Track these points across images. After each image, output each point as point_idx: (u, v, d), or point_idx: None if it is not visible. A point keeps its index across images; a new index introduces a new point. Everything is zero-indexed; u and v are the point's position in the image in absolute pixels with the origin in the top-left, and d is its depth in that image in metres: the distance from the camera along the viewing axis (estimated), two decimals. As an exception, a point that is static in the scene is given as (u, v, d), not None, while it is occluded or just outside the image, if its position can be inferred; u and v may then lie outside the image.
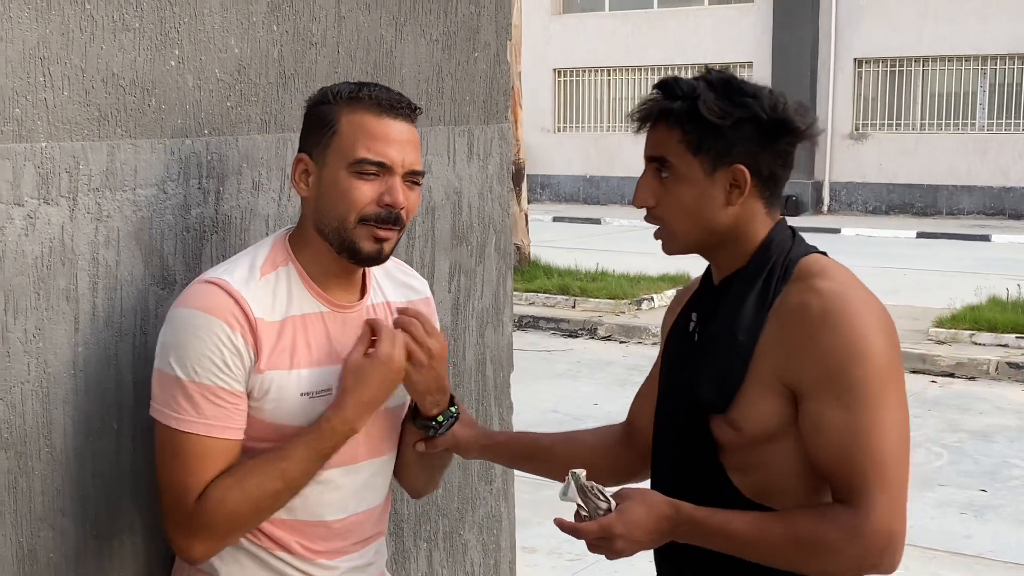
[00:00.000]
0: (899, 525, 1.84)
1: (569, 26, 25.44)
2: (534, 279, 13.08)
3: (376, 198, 1.95)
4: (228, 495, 1.92)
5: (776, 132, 1.94)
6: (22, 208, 1.91)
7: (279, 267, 2.01)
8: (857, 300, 1.89)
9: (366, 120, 1.96)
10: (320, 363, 2.01)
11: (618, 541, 1.88)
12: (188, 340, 1.90)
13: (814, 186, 23.13)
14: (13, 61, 1.88)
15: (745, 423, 1.92)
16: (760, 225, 1.99)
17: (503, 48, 2.93)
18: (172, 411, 1.91)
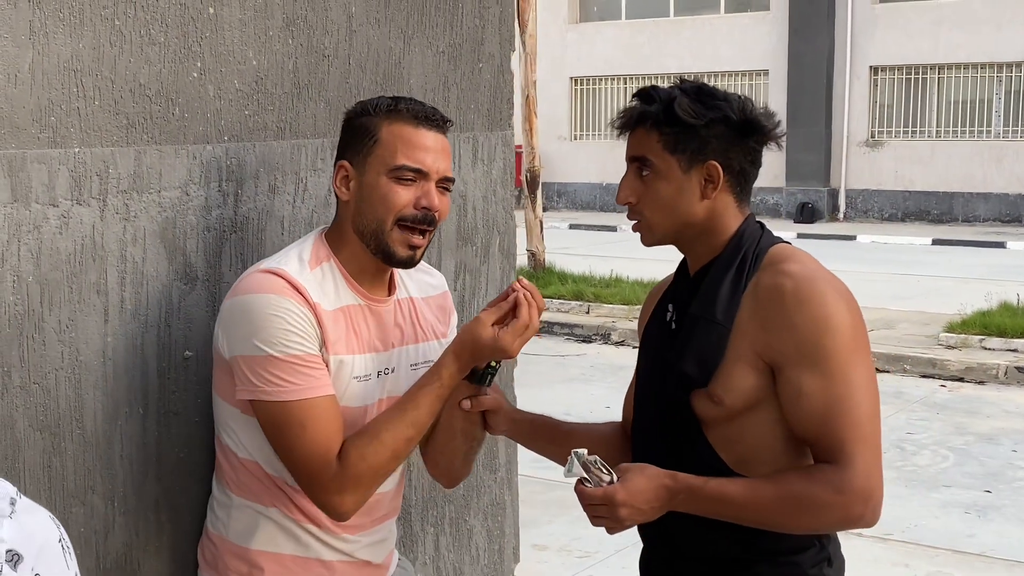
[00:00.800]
0: (877, 479, 2.01)
1: (586, 35, 25.60)
2: (548, 285, 13.22)
3: (413, 201, 2.14)
4: (367, 450, 2.10)
5: (745, 131, 2.15)
6: (56, 208, 2.08)
7: (323, 262, 2.19)
8: (823, 280, 2.08)
9: (404, 130, 2.15)
10: (363, 350, 2.20)
11: (621, 509, 2.04)
12: (265, 320, 2.06)
13: (830, 193, 23.22)
14: (49, 73, 2.05)
15: (726, 396, 2.09)
16: (732, 218, 2.18)
17: (507, 59, 3.09)
18: (276, 387, 2.06)
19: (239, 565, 2.22)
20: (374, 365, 2.21)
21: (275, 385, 2.07)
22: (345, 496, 2.11)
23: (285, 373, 2.06)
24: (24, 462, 2.06)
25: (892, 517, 6.37)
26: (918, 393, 9.39)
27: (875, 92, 22.81)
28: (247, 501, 2.21)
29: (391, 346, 2.26)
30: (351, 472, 2.09)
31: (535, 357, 10.77)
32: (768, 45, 23.59)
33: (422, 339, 2.34)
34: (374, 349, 2.22)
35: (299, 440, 2.08)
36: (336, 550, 2.25)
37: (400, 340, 2.28)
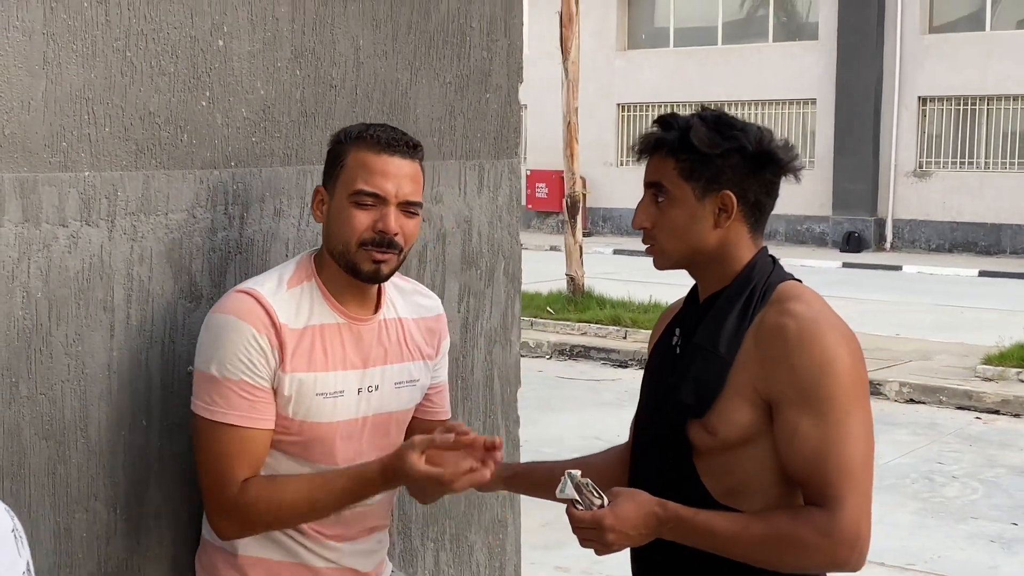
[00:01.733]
0: (866, 525, 2.03)
1: (634, 62, 25.71)
2: (587, 310, 13.29)
3: (371, 224, 2.22)
4: (262, 496, 2.21)
5: (761, 162, 2.17)
6: (66, 229, 2.20)
7: (303, 282, 2.29)
8: (827, 323, 2.09)
9: (367, 157, 2.24)
10: (334, 367, 2.28)
11: (608, 534, 2.08)
12: (221, 342, 2.19)
13: (877, 223, 23.10)
14: (61, 101, 2.17)
15: (720, 428, 2.11)
16: (744, 249, 2.20)
17: (514, 89, 3.19)
18: (208, 404, 2.20)
19: (230, 572, 2.32)
20: (351, 382, 2.30)
21: (202, 402, 2.21)
22: (229, 522, 2.24)
23: (216, 394, 2.19)
24: (29, 468, 2.17)
25: (916, 547, 6.38)
26: (952, 425, 9.34)
27: (923, 122, 22.70)
28: None
29: (373, 364, 2.34)
30: (242, 507, 2.21)
31: (569, 381, 10.86)
32: (816, 74, 23.55)
33: (407, 359, 2.41)
34: (351, 366, 2.30)
35: (204, 456, 2.22)
36: (322, 557, 2.35)
37: (383, 359, 2.36)
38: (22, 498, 2.16)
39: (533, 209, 26.96)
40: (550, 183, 25.61)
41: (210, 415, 2.20)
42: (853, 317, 13.99)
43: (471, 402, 3.14)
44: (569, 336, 12.96)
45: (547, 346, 12.53)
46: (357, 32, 2.73)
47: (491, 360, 3.19)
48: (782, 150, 2.20)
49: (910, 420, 9.52)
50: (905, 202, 22.92)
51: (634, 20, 26.22)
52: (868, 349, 10.83)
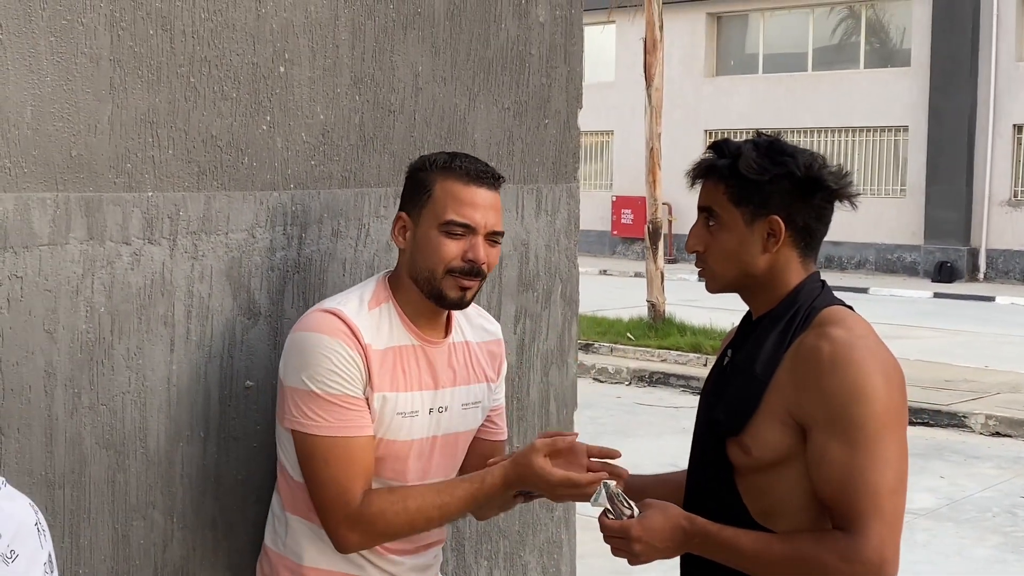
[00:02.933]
0: (891, 554, 2.04)
1: (722, 88, 25.63)
2: (667, 336, 13.26)
3: (461, 254, 2.31)
4: (389, 509, 2.27)
5: (810, 188, 2.19)
6: (129, 247, 2.29)
7: (382, 303, 2.37)
8: (864, 348, 2.10)
9: (456, 187, 2.32)
10: (411, 388, 2.36)
11: (636, 544, 2.13)
12: (316, 359, 2.26)
13: (970, 252, 22.70)
14: (127, 125, 2.27)
15: (754, 448, 2.14)
16: (793, 274, 2.23)
17: (573, 115, 3.24)
18: (314, 420, 2.26)
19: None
20: (424, 402, 2.37)
21: (310, 419, 2.26)
22: (352, 534, 2.28)
23: (321, 410, 2.25)
24: (89, 476, 2.27)
25: (994, 583, 6.25)
26: (1038, 458, 9.15)
27: (1018, 151, 22.28)
28: (301, 519, 2.38)
29: (443, 386, 2.42)
30: (366, 520, 2.26)
31: (647, 408, 10.83)
32: (908, 101, 23.27)
33: (474, 381, 2.48)
34: (425, 387, 2.38)
35: (322, 473, 2.26)
36: (384, 571, 2.41)
37: (452, 381, 2.43)
38: (82, 505, 2.26)
39: (619, 235, 26.97)
40: (635, 209, 25.59)
41: (319, 430, 2.25)
42: (944, 348, 13.87)
43: (527, 423, 3.18)
44: (649, 362, 12.94)
45: (626, 372, 12.51)
46: (416, 59, 2.81)
47: (547, 381, 3.24)
48: (832, 176, 2.21)
49: (995, 453, 9.33)
50: (999, 232, 22.49)
51: (723, 46, 26.16)
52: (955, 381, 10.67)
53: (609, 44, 26.84)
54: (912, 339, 14.83)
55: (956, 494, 8.05)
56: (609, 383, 12.49)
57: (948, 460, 9.10)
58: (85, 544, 2.27)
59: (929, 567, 6.49)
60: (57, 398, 2.21)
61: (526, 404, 3.18)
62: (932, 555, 6.72)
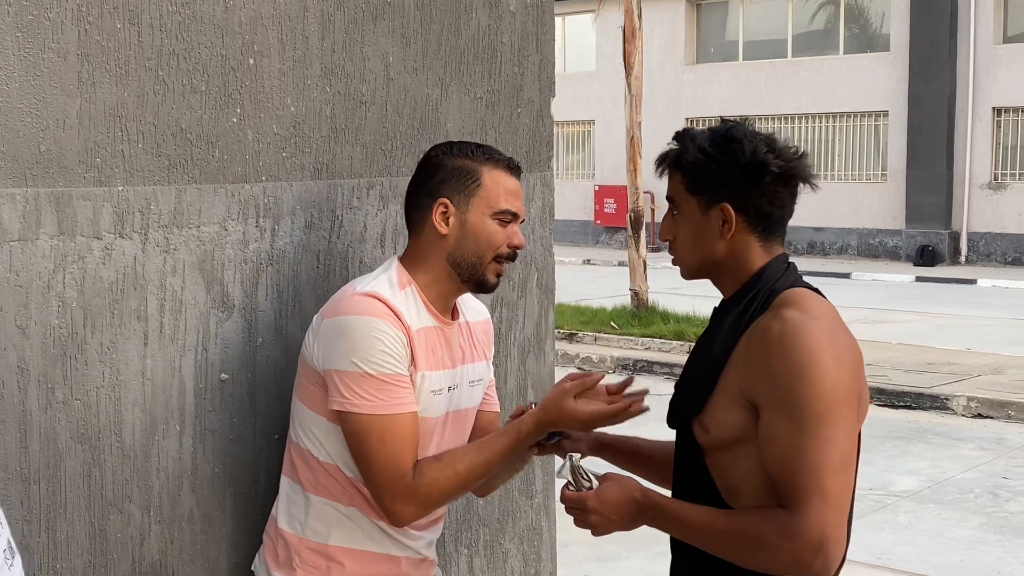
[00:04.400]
0: (833, 532, 2.04)
1: (702, 76, 25.65)
2: (651, 324, 13.29)
3: (508, 240, 2.44)
4: (441, 475, 2.34)
5: (756, 173, 2.20)
6: (100, 241, 2.29)
7: (406, 287, 2.42)
8: (815, 329, 2.10)
9: (503, 177, 2.44)
10: (437, 367, 2.43)
11: (592, 515, 2.21)
12: (368, 341, 2.30)
13: (951, 236, 22.79)
14: (95, 119, 2.27)
15: (713, 427, 2.18)
16: (756, 257, 2.25)
17: (546, 104, 3.24)
18: (368, 400, 2.30)
19: (318, 560, 2.42)
20: (445, 381, 2.45)
21: (364, 400, 2.30)
22: (409, 507, 2.34)
23: (375, 390, 2.30)
24: (65, 471, 2.27)
25: (976, 563, 6.30)
26: (1020, 440, 9.20)
27: (998, 133, 22.37)
28: (327, 501, 2.42)
29: (458, 364, 2.50)
30: (422, 491, 2.32)
31: (631, 395, 10.85)
32: (888, 86, 23.33)
33: (478, 359, 2.58)
34: (445, 366, 2.46)
35: (378, 451, 2.31)
36: (405, 546, 2.47)
37: (462, 359, 2.52)
38: (58, 500, 2.26)
39: (602, 225, 26.98)
40: (618, 198, 25.61)
41: (373, 410, 2.30)
42: (926, 331, 13.93)
43: (505, 411, 3.18)
44: (632, 351, 12.97)
45: (610, 360, 12.54)
46: (387, 49, 2.81)
47: (525, 370, 3.25)
48: (777, 159, 2.20)
49: (977, 435, 9.39)
50: (980, 215, 22.59)
51: (703, 34, 26.17)
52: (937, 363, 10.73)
53: (589, 33, 26.83)
54: (895, 323, 14.91)
55: (938, 476, 8.10)
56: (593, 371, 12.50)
57: (930, 442, 9.15)
58: (62, 539, 2.27)
59: (912, 548, 6.53)
60: (31, 393, 2.21)
61: (504, 393, 3.18)
62: (915, 536, 6.76)
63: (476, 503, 3.12)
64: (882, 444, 8.97)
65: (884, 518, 7.04)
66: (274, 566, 2.46)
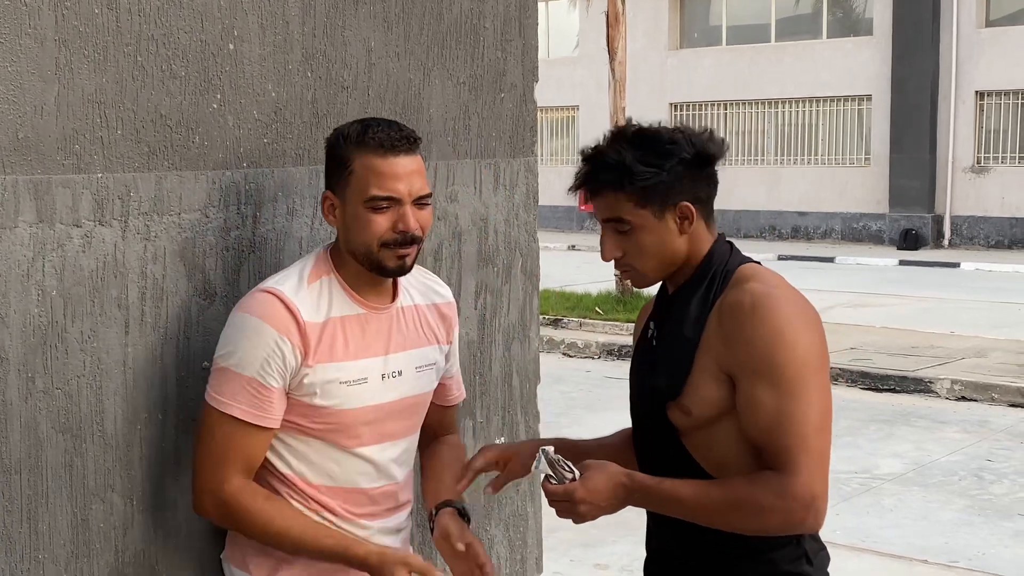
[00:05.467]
0: (820, 487, 2.14)
1: (686, 60, 25.63)
2: (635, 310, 13.27)
3: (392, 226, 2.30)
4: (253, 509, 2.29)
5: (701, 163, 2.29)
6: (80, 228, 2.27)
7: (322, 277, 2.37)
8: (782, 298, 2.20)
9: (374, 161, 2.29)
10: (356, 356, 2.37)
11: (580, 505, 2.22)
12: (241, 341, 2.28)
13: (934, 220, 22.86)
14: (73, 105, 2.25)
15: (693, 407, 2.23)
16: (704, 241, 2.32)
17: (530, 88, 3.23)
18: (217, 395, 2.29)
19: (264, 560, 2.39)
20: (373, 369, 2.38)
21: (214, 391, 2.29)
22: (210, 508, 2.33)
23: (227, 387, 2.27)
24: (46, 461, 2.25)
25: (961, 545, 6.33)
26: (1004, 422, 9.24)
27: (981, 117, 22.43)
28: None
29: (394, 350, 2.43)
30: (231, 505, 2.30)
31: (616, 381, 10.85)
32: (871, 70, 23.37)
33: (425, 343, 2.50)
34: (373, 354, 2.39)
35: (206, 443, 2.30)
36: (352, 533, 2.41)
37: (403, 345, 2.45)
38: (39, 490, 2.24)
39: (586, 210, 26.92)
40: (603, 184, 25.54)
41: (217, 405, 2.28)
42: (910, 315, 13.98)
43: (489, 397, 3.18)
44: (617, 336, 12.98)
45: (595, 346, 12.55)
46: (368, 34, 2.79)
47: (510, 356, 3.24)
48: (713, 144, 2.30)
49: (961, 418, 9.43)
50: (963, 198, 22.67)
51: (686, 19, 26.14)
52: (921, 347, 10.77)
53: (573, 19, 26.77)
54: (878, 307, 14.95)
55: (923, 459, 8.13)
56: (578, 357, 12.53)
57: (914, 425, 9.18)
58: (43, 529, 2.26)
59: (896, 531, 6.55)
60: (10, 383, 2.18)
61: (488, 379, 3.17)
62: (900, 519, 6.78)
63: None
64: (866, 427, 9.00)
65: (868, 501, 7.06)
66: (232, 560, 2.46)
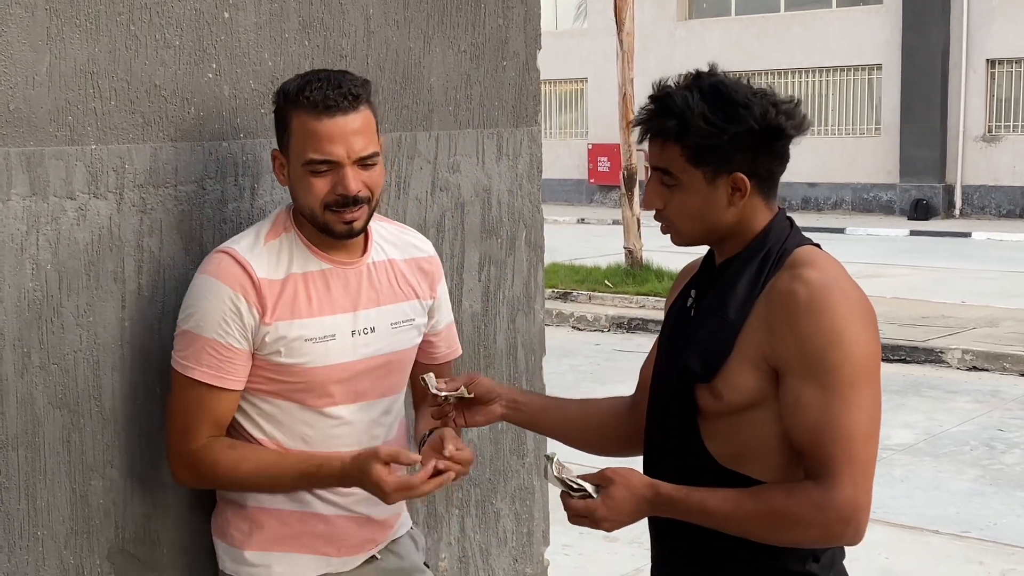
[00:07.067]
0: (863, 501, 1.99)
1: (695, 31, 25.46)
2: (645, 283, 13.25)
3: (331, 188, 2.22)
4: (222, 460, 2.27)
5: (769, 138, 2.10)
6: (74, 201, 2.24)
7: (282, 234, 2.32)
8: (839, 291, 2.04)
9: (309, 122, 2.20)
10: (321, 312, 2.31)
11: (603, 523, 2.10)
12: (200, 302, 2.25)
13: (945, 189, 22.72)
14: (66, 76, 2.21)
15: (726, 392, 2.09)
16: (760, 217, 2.15)
17: (532, 57, 3.18)
18: (181, 359, 2.26)
19: (241, 524, 2.37)
20: (342, 325, 2.32)
21: (179, 355, 2.26)
22: (184, 472, 2.32)
23: (190, 350, 2.25)
24: (43, 437, 2.22)
25: (972, 515, 6.30)
26: (1015, 392, 9.19)
27: (992, 86, 22.26)
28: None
29: (366, 306, 2.36)
30: (202, 463, 2.28)
31: (626, 354, 10.84)
32: (881, 39, 23.18)
33: (402, 299, 2.42)
34: (341, 310, 2.32)
35: (174, 408, 2.30)
36: (333, 504, 2.37)
37: (376, 300, 2.37)
38: (37, 466, 2.22)
39: (595, 183, 26.88)
40: (612, 157, 25.48)
41: (181, 369, 2.25)
42: (921, 285, 13.91)
43: (494, 370, 3.15)
44: (627, 309, 12.94)
45: (605, 319, 12.51)
46: (367, 1, 2.74)
47: (514, 328, 3.20)
48: (789, 120, 2.11)
49: (972, 388, 9.38)
50: (974, 168, 22.51)
51: (695, -11, 25.96)
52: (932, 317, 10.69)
53: (580, -10, 26.62)
54: (889, 277, 14.88)
55: (934, 429, 8.09)
56: (588, 331, 12.49)
57: (925, 396, 9.14)
58: (42, 506, 2.23)
59: (907, 501, 6.52)
60: (6, 358, 2.16)
61: (493, 352, 3.14)
62: (911, 489, 6.75)
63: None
64: (877, 398, 8.95)
65: (880, 472, 6.97)
66: (216, 531, 2.44)
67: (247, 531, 2.36)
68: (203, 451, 2.27)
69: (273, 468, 2.28)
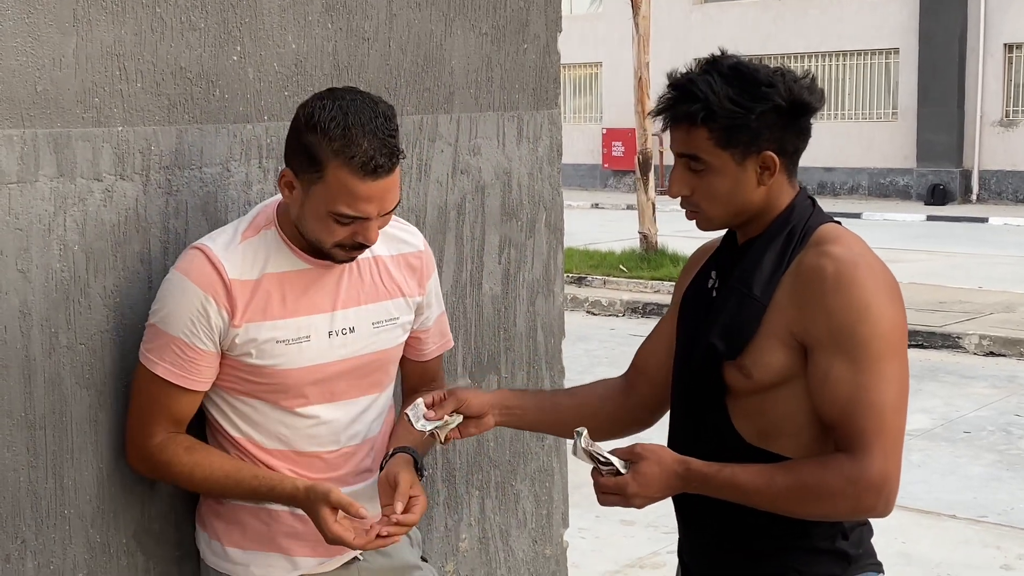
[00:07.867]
0: (894, 471, 2.02)
1: (711, 15, 25.38)
2: (660, 267, 13.25)
3: (351, 235, 2.18)
4: (176, 463, 2.26)
5: (796, 114, 2.11)
6: (100, 183, 2.25)
7: (261, 231, 2.27)
8: (866, 266, 2.06)
9: (351, 181, 2.11)
10: (296, 313, 2.26)
11: (634, 500, 2.10)
12: (168, 299, 2.23)
13: (962, 174, 22.64)
14: (92, 58, 2.22)
15: (755, 370, 2.10)
16: (784, 195, 2.17)
17: (553, 39, 3.18)
18: (146, 352, 2.24)
19: (216, 523, 2.37)
20: (318, 326, 2.28)
21: (145, 348, 2.25)
22: (139, 465, 2.31)
23: (155, 345, 2.23)
24: (71, 416, 2.24)
25: (989, 500, 6.30)
26: None
27: (1010, 70, 22.15)
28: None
29: (344, 306, 2.31)
30: (157, 460, 2.27)
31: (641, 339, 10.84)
32: (897, 23, 23.07)
33: (385, 297, 2.37)
34: (317, 310, 2.28)
35: (134, 400, 2.28)
36: None
37: (357, 300, 2.32)
38: (64, 446, 2.24)
39: (610, 168, 26.85)
40: (626, 141, 25.45)
41: (145, 362, 2.24)
42: (937, 270, 13.88)
43: (514, 352, 3.16)
44: (642, 294, 12.94)
45: (620, 304, 12.52)
46: (389, -16, 2.75)
47: (534, 311, 3.21)
48: (810, 93, 2.13)
49: (989, 373, 9.36)
50: (991, 152, 22.42)
51: (711, -27, 25.87)
52: (949, 302, 10.68)
53: (595, -26, 26.55)
54: (906, 262, 14.83)
55: (951, 414, 8.09)
56: (603, 315, 12.50)
57: (942, 381, 9.13)
58: (69, 484, 2.26)
59: (924, 486, 6.52)
60: (34, 338, 2.18)
61: (513, 335, 3.15)
62: (928, 474, 6.75)
63: (487, 445, 3.10)
64: (894, 383, 8.94)
65: (896, 457, 7.01)
66: (199, 521, 2.44)
67: (225, 527, 2.36)
68: (159, 448, 2.26)
69: (226, 481, 2.26)
